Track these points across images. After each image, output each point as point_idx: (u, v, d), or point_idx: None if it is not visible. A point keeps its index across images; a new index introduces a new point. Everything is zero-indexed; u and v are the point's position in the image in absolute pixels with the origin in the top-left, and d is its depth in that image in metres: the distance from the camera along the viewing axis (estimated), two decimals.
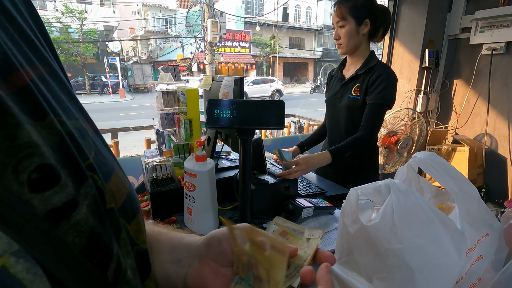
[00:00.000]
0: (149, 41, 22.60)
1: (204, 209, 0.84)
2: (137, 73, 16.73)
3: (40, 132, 0.19)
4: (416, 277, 0.45)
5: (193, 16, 13.89)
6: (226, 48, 18.45)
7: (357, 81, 1.24)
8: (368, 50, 1.27)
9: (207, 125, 0.71)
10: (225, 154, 1.32)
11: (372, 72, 1.20)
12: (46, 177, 0.19)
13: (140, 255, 0.28)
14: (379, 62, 1.23)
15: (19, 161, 0.17)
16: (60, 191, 0.19)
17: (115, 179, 0.25)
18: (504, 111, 2.05)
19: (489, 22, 1.98)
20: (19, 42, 0.21)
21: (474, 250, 0.50)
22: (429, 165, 0.55)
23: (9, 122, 0.17)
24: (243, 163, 0.74)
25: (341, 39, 1.23)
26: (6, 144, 0.17)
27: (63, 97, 0.23)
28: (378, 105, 1.17)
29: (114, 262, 0.22)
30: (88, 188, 0.21)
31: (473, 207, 0.53)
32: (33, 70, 0.21)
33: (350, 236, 0.54)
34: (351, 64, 1.31)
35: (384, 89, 1.16)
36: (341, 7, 1.20)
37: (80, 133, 0.23)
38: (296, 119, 4.83)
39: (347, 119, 1.28)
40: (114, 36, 22.37)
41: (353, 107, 1.24)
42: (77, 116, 0.24)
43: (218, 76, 1.12)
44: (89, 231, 0.21)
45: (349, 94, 1.26)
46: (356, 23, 1.19)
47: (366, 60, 1.25)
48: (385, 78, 1.17)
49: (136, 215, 0.28)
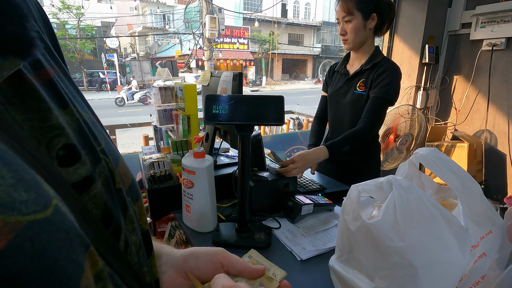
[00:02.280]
0: (147, 38, 22.44)
1: (203, 206, 0.83)
2: (135, 69, 16.61)
3: (65, 118, 0.23)
4: (419, 275, 0.44)
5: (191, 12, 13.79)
6: (224, 45, 18.36)
7: (362, 76, 1.22)
8: (373, 44, 1.25)
9: (205, 121, 0.70)
10: (224, 151, 1.31)
11: (378, 67, 1.18)
12: (70, 155, 0.22)
13: (144, 234, 0.31)
14: (385, 58, 1.21)
15: (50, 139, 0.21)
16: (81, 167, 0.22)
17: (122, 165, 0.29)
18: (504, 107, 2.05)
19: (490, 18, 1.97)
20: None
21: (477, 248, 0.49)
22: (431, 161, 0.54)
23: (42, 107, 0.21)
24: (242, 160, 0.73)
25: (348, 35, 1.20)
26: (40, 125, 0.20)
27: (75, 93, 0.27)
28: (380, 99, 1.15)
29: (123, 234, 0.26)
30: (102, 168, 0.25)
31: (476, 204, 0.52)
32: (52, 69, 0.24)
33: (351, 234, 0.53)
34: (356, 59, 1.28)
35: (389, 83, 1.14)
36: (347, 2, 1.16)
37: (92, 123, 0.27)
38: (295, 116, 4.81)
39: (352, 116, 1.25)
40: (111, 32, 22.20)
41: (358, 103, 1.22)
42: (87, 110, 0.28)
43: (217, 71, 1.11)
44: (104, 204, 0.24)
45: (353, 90, 1.24)
46: (363, 18, 1.16)
47: (372, 55, 1.22)
48: (390, 73, 1.15)
49: (139, 198, 0.31)
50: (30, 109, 0.20)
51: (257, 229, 0.83)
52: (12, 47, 0.17)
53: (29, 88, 0.20)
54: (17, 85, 0.20)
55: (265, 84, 20.48)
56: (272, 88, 19.28)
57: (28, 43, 0.18)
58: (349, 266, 0.57)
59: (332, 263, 0.61)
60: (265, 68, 21.15)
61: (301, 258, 0.74)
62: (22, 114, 0.20)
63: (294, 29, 23.79)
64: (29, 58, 0.19)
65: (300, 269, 0.71)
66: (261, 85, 20.35)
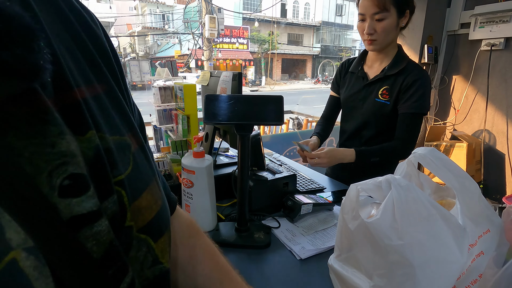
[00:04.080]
0: (146, 38, 22.43)
1: (202, 206, 0.84)
2: (134, 69, 16.57)
3: (80, 144, 0.21)
4: (417, 274, 0.44)
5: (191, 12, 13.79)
6: (224, 45, 18.37)
7: (386, 83, 1.08)
8: (396, 44, 1.11)
9: (205, 121, 0.70)
10: (223, 151, 1.31)
11: (405, 74, 1.04)
12: (77, 185, 0.20)
13: (163, 275, 0.29)
14: (411, 62, 1.08)
15: (55, 167, 0.19)
16: (86, 200, 0.21)
17: (147, 195, 0.27)
18: (503, 107, 2.05)
19: (489, 18, 1.98)
20: (81, 61, 0.24)
21: (475, 246, 0.50)
22: (430, 161, 0.54)
23: (52, 131, 0.19)
24: (241, 159, 0.73)
25: (377, 34, 1.03)
26: (45, 150, 0.19)
27: (114, 114, 0.26)
28: (416, 115, 1.03)
29: (129, 277, 0.24)
30: (112, 202, 0.23)
31: (474, 203, 0.52)
32: (89, 89, 0.24)
33: (350, 233, 0.53)
34: (376, 61, 1.14)
35: (422, 96, 1.02)
36: None
37: (121, 148, 0.25)
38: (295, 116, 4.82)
39: (373, 125, 1.12)
40: (111, 32, 22.15)
41: (380, 113, 1.09)
42: (123, 132, 0.26)
43: (216, 71, 1.11)
44: (109, 243, 0.22)
45: (375, 97, 1.10)
46: (398, 15, 1.02)
47: (396, 58, 1.08)
48: (422, 84, 1.03)
49: (164, 233, 0.29)
50: (37, 134, 0.19)
51: (257, 228, 0.83)
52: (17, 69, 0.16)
53: (41, 110, 0.19)
54: (26, 107, 0.19)
55: (265, 84, 20.49)
56: (271, 88, 19.29)
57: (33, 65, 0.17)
58: (348, 265, 0.57)
59: (331, 262, 0.61)
60: (265, 68, 21.16)
61: (301, 257, 0.74)
62: (24, 139, 0.18)
63: (293, 29, 23.80)
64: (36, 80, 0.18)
65: (299, 268, 0.72)
66: (261, 85, 20.36)
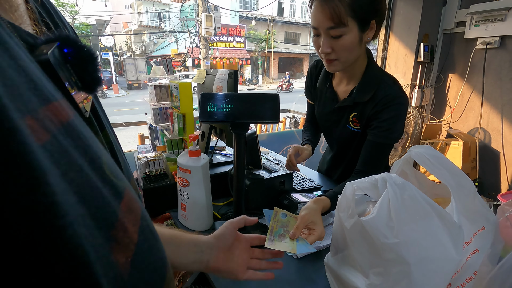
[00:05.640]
0: (142, 36, 22.29)
1: (198, 204, 0.83)
2: (130, 68, 16.45)
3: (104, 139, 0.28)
4: (412, 271, 0.44)
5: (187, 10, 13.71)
6: (221, 43, 18.29)
7: (355, 110, 0.93)
8: (365, 57, 0.91)
9: (201, 119, 0.70)
10: (220, 149, 1.31)
11: (376, 101, 0.88)
12: None
13: None
14: (384, 81, 0.89)
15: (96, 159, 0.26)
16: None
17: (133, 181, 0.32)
18: (498, 105, 2.07)
19: (484, 16, 1.99)
20: None
21: (470, 244, 0.50)
22: (425, 159, 0.54)
23: (93, 130, 0.24)
24: (237, 158, 0.73)
25: (335, 53, 0.83)
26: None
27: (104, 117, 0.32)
28: (383, 146, 0.89)
29: None
30: None
31: (469, 201, 0.53)
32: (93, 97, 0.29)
33: (346, 231, 0.53)
34: (343, 79, 0.97)
35: (393, 125, 0.86)
36: (335, 5, 0.76)
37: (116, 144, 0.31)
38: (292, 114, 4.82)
39: (349, 149, 1.03)
40: (106, 31, 22.01)
41: (353, 140, 0.99)
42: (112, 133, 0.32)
43: (212, 69, 1.10)
44: None
45: (346, 124, 0.97)
46: (360, 29, 0.80)
47: (365, 77, 0.90)
48: (394, 110, 0.86)
49: None
50: None
51: (253, 227, 0.83)
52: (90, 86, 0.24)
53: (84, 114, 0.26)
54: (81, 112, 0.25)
55: (262, 82, 20.47)
56: (268, 86, 19.28)
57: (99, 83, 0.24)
58: (344, 263, 0.57)
59: (328, 260, 0.61)
60: (262, 67, 21.12)
61: (297, 256, 0.74)
62: None
63: (290, 28, 23.77)
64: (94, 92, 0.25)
65: (295, 267, 0.72)
66: (258, 83, 20.34)
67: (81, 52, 0.23)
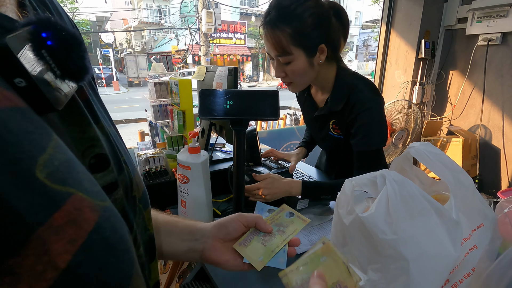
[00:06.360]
0: (143, 33, 22.20)
1: (198, 201, 0.83)
2: (131, 65, 16.42)
3: (99, 131, 0.27)
4: (411, 268, 0.44)
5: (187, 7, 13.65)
6: (221, 40, 18.23)
7: (333, 117, 0.95)
8: (332, 69, 0.91)
9: (200, 116, 0.70)
10: (220, 146, 1.31)
11: (348, 108, 0.88)
12: (101, 163, 0.25)
13: (150, 239, 0.34)
14: (355, 87, 0.87)
15: (86, 148, 0.25)
16: (108, 174, 0.26)
17: (137, 175, 0.33)
18: (499, 102, 2.06)
19: (486, 12, 1.97)
20: None
21: (468, 240, 0.50)
22: (425, 155, 0.54)
23: (84, 121, 0.25)
24: (237, 155, 0.73)
25: (289, 77, 0.87)
26: (80, 136, 0.25)
27: (101, 110, 0.31)
28: (365, 153, 0.89)
29: (133, 233, 0.29)
30: (124, 176, 0.29)
31: (468, 197, 0.53)
32: (87, 90, 0.28)
33: (345, 227, 0.53)
34: (317, 89, 1.01)
35: (368, 131, 0.87)
36: (276, 36, 0.79)
37: (115, 137, 0.31)
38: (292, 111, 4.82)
39: (337, 153, 1.04)
40: (106, 27, 21.94)
41: (337, 146, 1.00)
42: (111, 125, 0.32)
43: (212, 66, 1.10)
44: (122, 209, 0.27)
45: (328, 131, 0.99)
46: (307, 55, 0.82)
47: (335, 87, 0.91)
48: (366, 116, 0.86)
49: (149, 205, 0.36)
50: (74, 122, 0.24)
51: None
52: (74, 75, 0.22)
53: (76, 105, 0.25)
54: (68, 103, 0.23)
55: (262, 79, 20.42)
56: (268, 83, 19.23)
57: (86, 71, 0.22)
58: None
59: None
60: (262, 64, 21.06)
61: (296, 252, 0.74)
62: (68, 126, 0.24)
63: None
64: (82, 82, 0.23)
65: None
66: (258, 80, 20.30)
67: (62, 36, 0.20)
